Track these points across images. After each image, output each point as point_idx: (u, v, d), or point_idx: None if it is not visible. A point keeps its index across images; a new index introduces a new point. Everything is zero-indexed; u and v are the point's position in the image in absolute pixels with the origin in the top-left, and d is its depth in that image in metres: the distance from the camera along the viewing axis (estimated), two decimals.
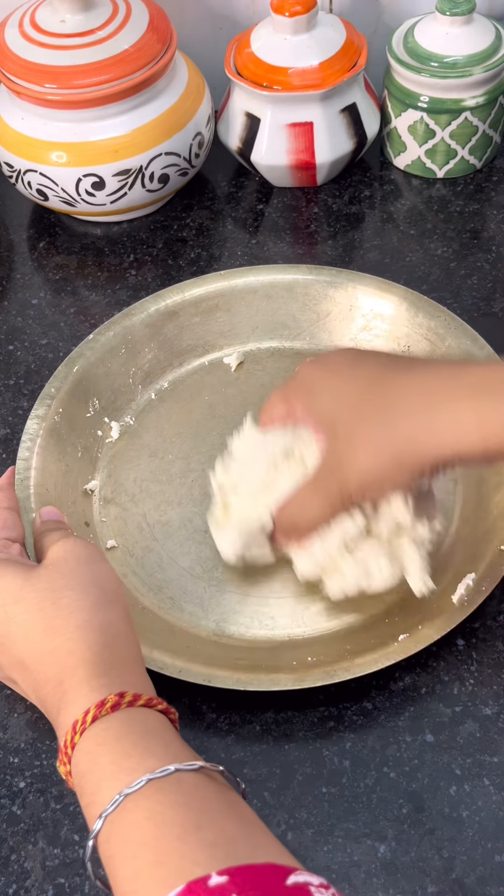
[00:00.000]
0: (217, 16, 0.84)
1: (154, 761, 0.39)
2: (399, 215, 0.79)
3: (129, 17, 0.72)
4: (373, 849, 0.47)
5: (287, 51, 0.74)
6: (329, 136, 0.76)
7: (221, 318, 0.69)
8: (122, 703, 0.41)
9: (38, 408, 0.62)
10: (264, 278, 0.69)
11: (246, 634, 0.55)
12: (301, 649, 0.54)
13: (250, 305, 0.69)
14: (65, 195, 0.74)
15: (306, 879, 0.34)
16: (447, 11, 0.73)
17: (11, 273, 0.77)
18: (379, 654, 0.51)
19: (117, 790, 0.38)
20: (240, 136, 0.78)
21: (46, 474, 0.60)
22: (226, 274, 0.69)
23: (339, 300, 0.68)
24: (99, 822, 0.38)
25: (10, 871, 0.48)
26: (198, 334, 0.69)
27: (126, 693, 0.42)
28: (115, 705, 0.41)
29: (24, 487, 0.59)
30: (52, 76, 0.69)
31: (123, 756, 0.39)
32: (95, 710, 0.41)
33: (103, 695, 0.41)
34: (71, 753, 0.41)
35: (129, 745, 0.40)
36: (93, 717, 0.41)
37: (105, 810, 0.38)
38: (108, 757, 0.40)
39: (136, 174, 0.73)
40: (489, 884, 0.46)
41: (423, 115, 0.76)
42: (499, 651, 0.54)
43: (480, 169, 0.81)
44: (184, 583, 0.58)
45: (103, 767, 0.39)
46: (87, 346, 0.66)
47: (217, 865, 0.34)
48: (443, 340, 0.64)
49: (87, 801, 0.40)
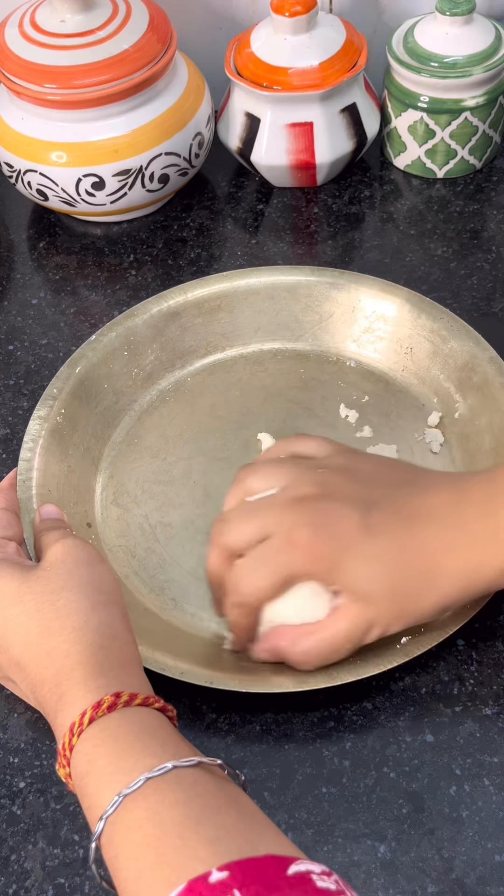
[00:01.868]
0: (217, 16, 0.84)
1: (152, 760, 0.39)
2: (399, 215, 0.79)
3: (129, 17, 0.72)
4: (373, 849, 0.47)
5: (287, 51, 0.74)
6: (329, 136, 0.76)
7: (224, 319, 0.69)
8: (118, 704, 0.41)
9: (41, 408, 0.62)
10: (266, 279, 0.69)
11: None
12: None
13: (253, 307, 0.69)
14: (65, 195, 0.74)
15: (308, 868, 0.34)
16: (447, 11, 0.73)
17: (11, 273, 0.77)
18: (381, 657, 0.50)
19: (116, 791, 0.38)
20: (240, 136, 0.78)
21: (48, 475, 0.60)
22: (228, 275, 0.69)
23: (342, 302, 0.68)
24: (100, 823, 0.38)
25: (10, 871, 0.48)
26: (200, 335, 0.69)
27: (122, 693, 0.42)
28: (111, 706, 0.41)
29: (26, 488, 0.58)
30: (52, 76, 0.69)
31: (121, 756, 0.39)
32: (92, 711, 0.41)
33: (100, 696, 0.42)
34: (69, 756, 0.41)
35: (127, 744, 0.40)
36: (90, 718, 0.41)
37: (105, 812, 0.38)
38: (105, 758, 0.40)
39: (136, 174, 0.73)
40: (489, 884, 0.46)
41: (423, 116, 0.76)
42: (499, 651, 0.54)
43: (480, 169, 0.81)
44: (186, 584, 0.58)
45: (101, 769, 0.39)
46: (89, 347, 0.66)
47: (218, 861, 0.34)
48: (445, 342, 0.64)
49: (87, 804, 0.40)
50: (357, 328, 0.68)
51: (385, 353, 0.67)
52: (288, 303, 0.69)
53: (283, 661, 0.50)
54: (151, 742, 0.40)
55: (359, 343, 0.67)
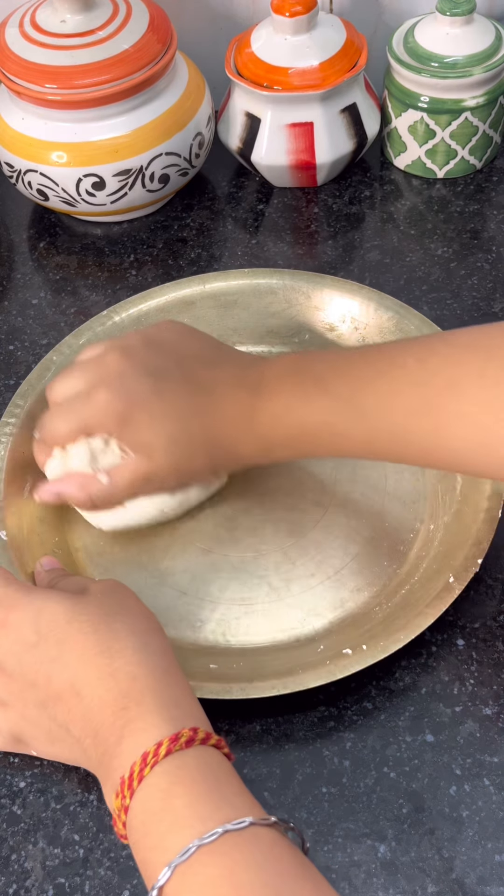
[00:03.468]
0: (217, 16, 0.84)
1: (229, 810, 0.37)
2: (399, 215, 0.79)
3: (129, 17, 0.72)
4: (373, 849, 0.47)
5: (287, 51, 0.74)
6: (329, 136, 0.76)
7: (238, 314, 0.69)
8: (195, 740, 0.39)
9: (27, 383, 0.63)
10: (289, 282, 0.68)
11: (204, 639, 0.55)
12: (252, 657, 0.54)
13: (269, 307, 0.69)
14: (65, 195, 0.74)
15: None
16: (447, 11, 0.74)
17: (12, 273, 0.77)
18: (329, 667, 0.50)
19: (190, 838, 0.36)
20: (240, 137, 0.78)
21: (30, 434, 0.61)
22: (249, 272, 0.69)
23: (358, 317, 0.67)
24: (166, 871, 0.36)
25: (10, 871, 0.48)
26: (212, 328, 0.68)
27: (199, 729, 0.40)
28: (189, 741, 0.39)
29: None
30: (53, 76, 0.69)
31: (198, 800, 0.37)
32: (169, 743, 0.39)
33: (175, 727, 0.40)
34: (136, 787, 0.39)
35: (205, 789, 0.38)
36: (166, 750, 0.39)
37: (175, 860, 0.36)
38: (182, 799, 0.38)
39: (136, 174, 0.73)
40: (489, 884, 0.46)
41: (423, 116, 0.76)
42: (499, 651, 0.54)
43: (481, 169, 0.81)
44: (129, 569, 0.58)
45: (177, 810, 0.37)
46: (97, 322, 0.66)
47: None
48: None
49: (150, 844, 0.37)
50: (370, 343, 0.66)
51: None
52: (303, 308, 0.68)
53: (66, 503, 0.57)
54: (228, 790, 0.38)
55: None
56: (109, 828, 0.49)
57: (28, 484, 0.60)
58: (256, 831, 0.36)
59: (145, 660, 0.43)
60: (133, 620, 0.45)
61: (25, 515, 0.59)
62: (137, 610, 0.46)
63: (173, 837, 0.36)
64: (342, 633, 0.53)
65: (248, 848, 0.36)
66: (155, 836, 0.37)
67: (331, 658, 0.51)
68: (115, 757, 0.40)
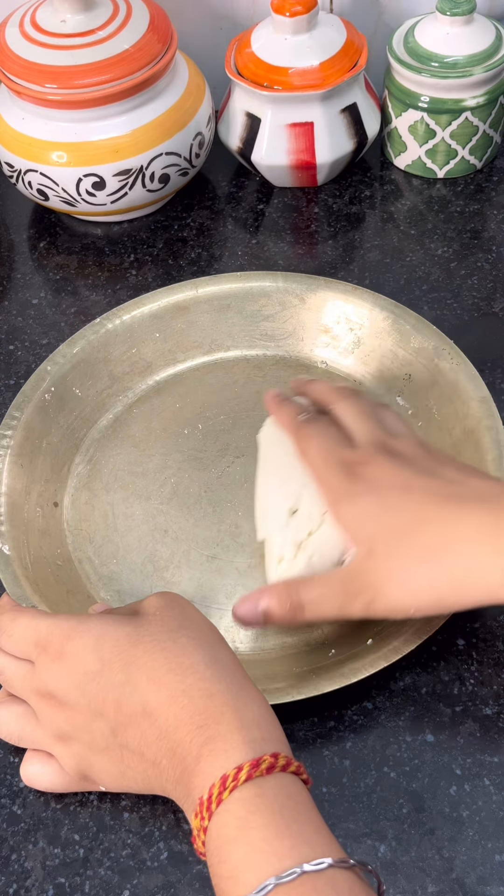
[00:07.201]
0: (217, 16, 0.84)
1: (307, 849, 0.36)
2: (399, 215, 0.79)
3: (129, 17, 0.72)
4: (373, 849, 0.47)
5: (287, 51, 0.74)
6: (329, 136, 0.76)
7: (232, 318, 0.69)
8: (275, 767, 0.38)
9: (28, 385, 0.63)
10: (281, 285, 0.68)
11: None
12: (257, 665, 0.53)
13: (263, 311, 0.69)
14: (65, 195, 0.74)
15: None
16: (447, 11, 0.74)
17: (12, 273, 0.77)
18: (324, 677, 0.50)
19: (267, 874, 0.35)
20: (240, 136, 0.78)
21: (27, 446, 0.61)
22: (243, 275, 0.69)
23: (354, 318, 0.67)
24: None
25: (10, 871, 0.48)
26: (206, 332, 0.68)
27: (279, 755, 0.39)
28: (270, 767, 0.38)
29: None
30: (53, 76, 0.69)
31: (277, 834, 0.36)
32: (250, 769, 0.38)
33: (256, 751, 0.39)
34: (214, 809, 0.38)
35: (284, 823, 0.37)
36: (246, 776, 0.38)
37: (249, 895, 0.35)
38: (259, 831, 0.37)
39: (136, 174, 0.73)
40: (489, 884, 0.46)
41: (423, 115, 0.76)
42: (499, 651, 0.54)
43: (481, 169, 0.81)
44: (133, 578, 0.58)
45: (253, 842, 0.36)
46: (91, 330, 0.66)
47: None
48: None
49: (226, 873, 0.37)
50: (365, 348, 0.67)
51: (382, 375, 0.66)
52: (297, 311, 0.68)
53: (280, 606, 0.49)
54: (307, 826, 0.37)
55: (366, 363, 0.66)
56: (109, 828, 0.49)
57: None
58: (334, 874, 0.36)
59: (218, 675, 0.41)
60: (198, 633, 0.43)
61: (27, 527, 0.59)
62: (200, 621, 0.45)
63: (249, 872, 0.36)
64: (352, 636, 0.53)
65: (326, 891, 0.35)
66: (229, 866, 0.37)
67: (343, 661, 0.51)
68: (194, 776, 0.39)
